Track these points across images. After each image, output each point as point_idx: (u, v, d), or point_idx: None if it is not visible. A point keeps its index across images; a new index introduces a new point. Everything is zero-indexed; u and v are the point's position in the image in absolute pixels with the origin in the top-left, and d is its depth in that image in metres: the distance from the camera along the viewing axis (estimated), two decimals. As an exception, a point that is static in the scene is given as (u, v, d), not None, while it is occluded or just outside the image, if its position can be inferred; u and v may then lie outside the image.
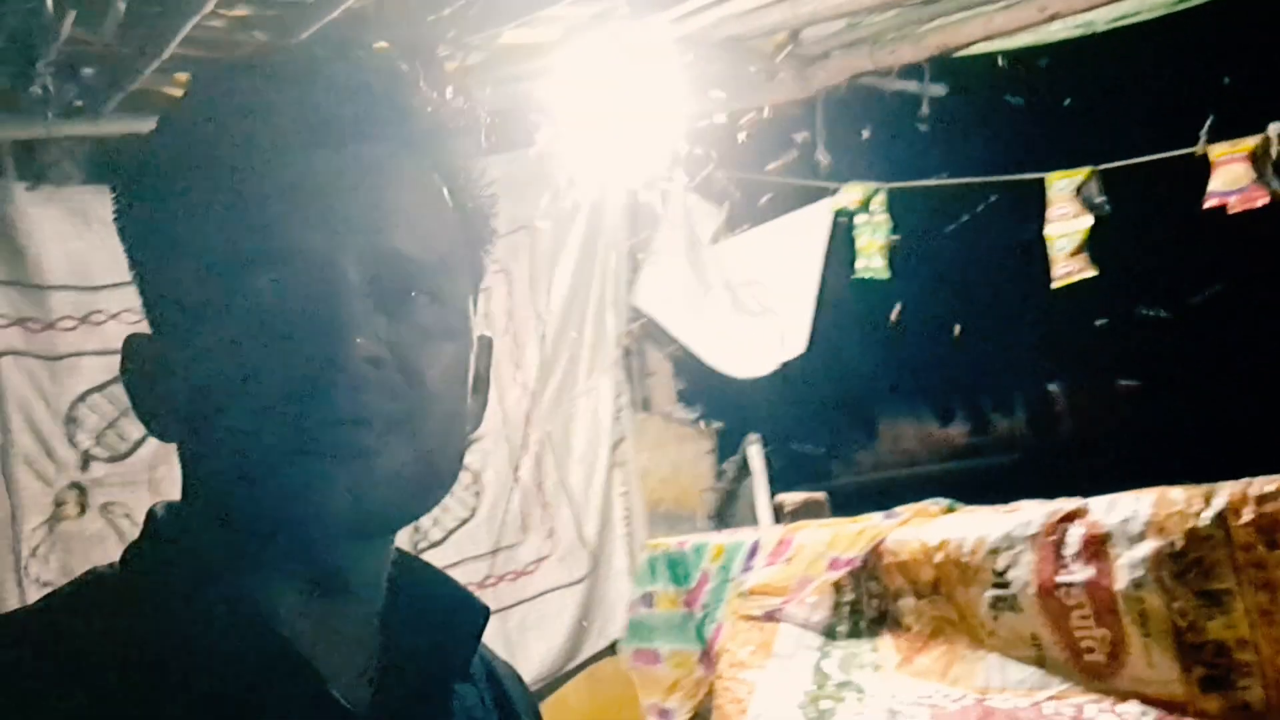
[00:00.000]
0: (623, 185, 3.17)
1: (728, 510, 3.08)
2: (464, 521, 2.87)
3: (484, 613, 0.71)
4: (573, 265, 3.15)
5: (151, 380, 0.65)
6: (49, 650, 0.58)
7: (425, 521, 2.82)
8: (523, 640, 2.92)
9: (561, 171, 3.07)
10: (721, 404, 3.22)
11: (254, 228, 0.61)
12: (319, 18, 2.29)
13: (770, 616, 2.06)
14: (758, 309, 3.28)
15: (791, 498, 2.43)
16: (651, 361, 3.26)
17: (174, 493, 0.68)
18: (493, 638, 2.74)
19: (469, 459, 2.95)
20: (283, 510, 0.59)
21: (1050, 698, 1.75)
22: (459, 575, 2.69)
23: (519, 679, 0.82)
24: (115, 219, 0.65)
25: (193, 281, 0.62)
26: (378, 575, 0.68)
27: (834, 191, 3.04)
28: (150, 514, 0.67)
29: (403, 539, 2.62)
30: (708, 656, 2.21)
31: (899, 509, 2.07)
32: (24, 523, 2.39)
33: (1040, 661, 1.78)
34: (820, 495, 2.42)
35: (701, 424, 3.20)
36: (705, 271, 3.31)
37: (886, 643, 1.96)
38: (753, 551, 2.19)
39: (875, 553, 1.99)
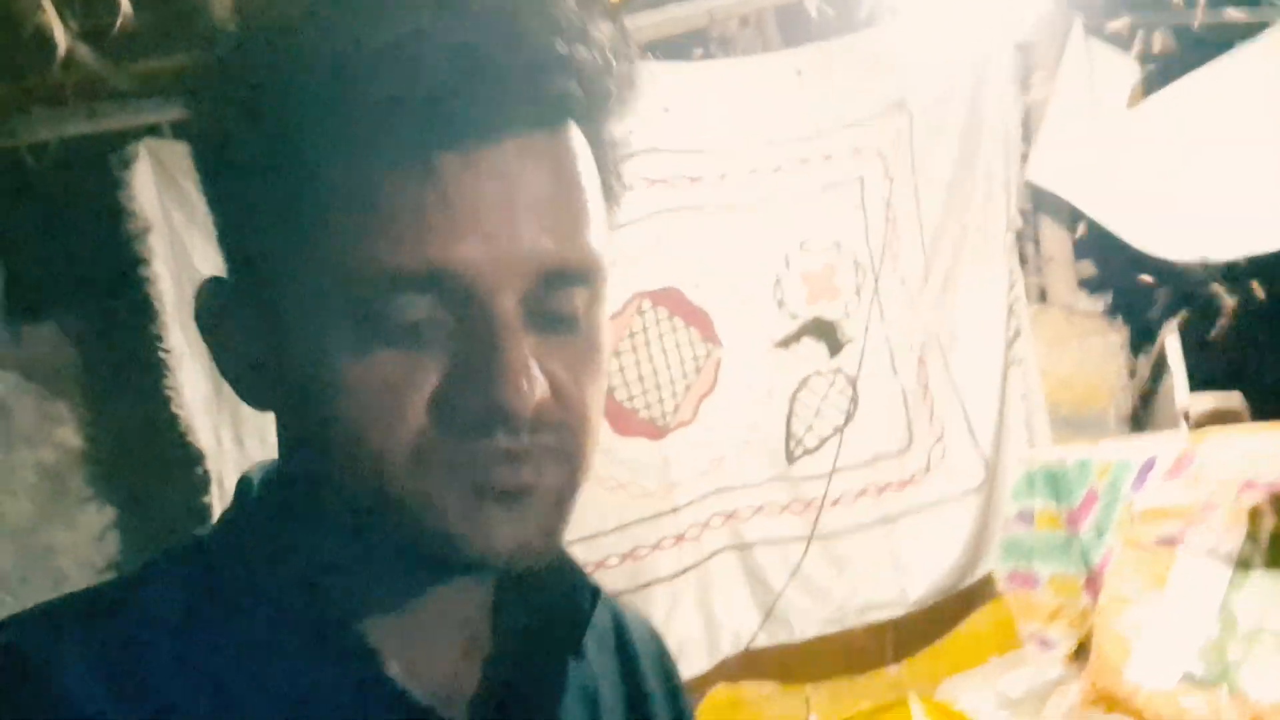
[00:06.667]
0: (1008, 43, 2.79)
1: (1145, 413, 2.67)
2: (839, 428, 2.75)
3: (591, 591, 0.66)
4: (955, 143, 2.84)
5: (238, 343, 0.59)
6: (113, 634, 0.56)
7: (799, 428, 2.74)
8: (912, 554, 2.76)
9: (936, 38, 2.77)
10: (1134, 292, 2.78)
11: (393, 239, 0.52)
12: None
13: (1166, 543, 1.74)
14: (1200, 178, 2.77)
15: (1198, 401, 2.02)
16: (1048, 246, 2.89)
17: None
18: (879, 551, 2.60)
19: (842, 362, 2.84)
20: (441, 547, 0.55)
21: None
22: (836, 484, 2.59)
23: (654, 637, 0.78)
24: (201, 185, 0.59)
25: (312, 280, 0.54)
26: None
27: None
28: (243, 481, 0.63)
29: (778, 448, 2.55)
30: (1094, 584, 1.93)
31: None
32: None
33: None
34: (1235, 398, 1.99)
35: (1110, 315, 2.79)
36: (1121, 135, 2.85)
37: (1318, 583, 1.59)
38: (1148, 468, 1.86)
39: (1305, 472, 1.60)
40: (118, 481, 2.56)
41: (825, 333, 2.76)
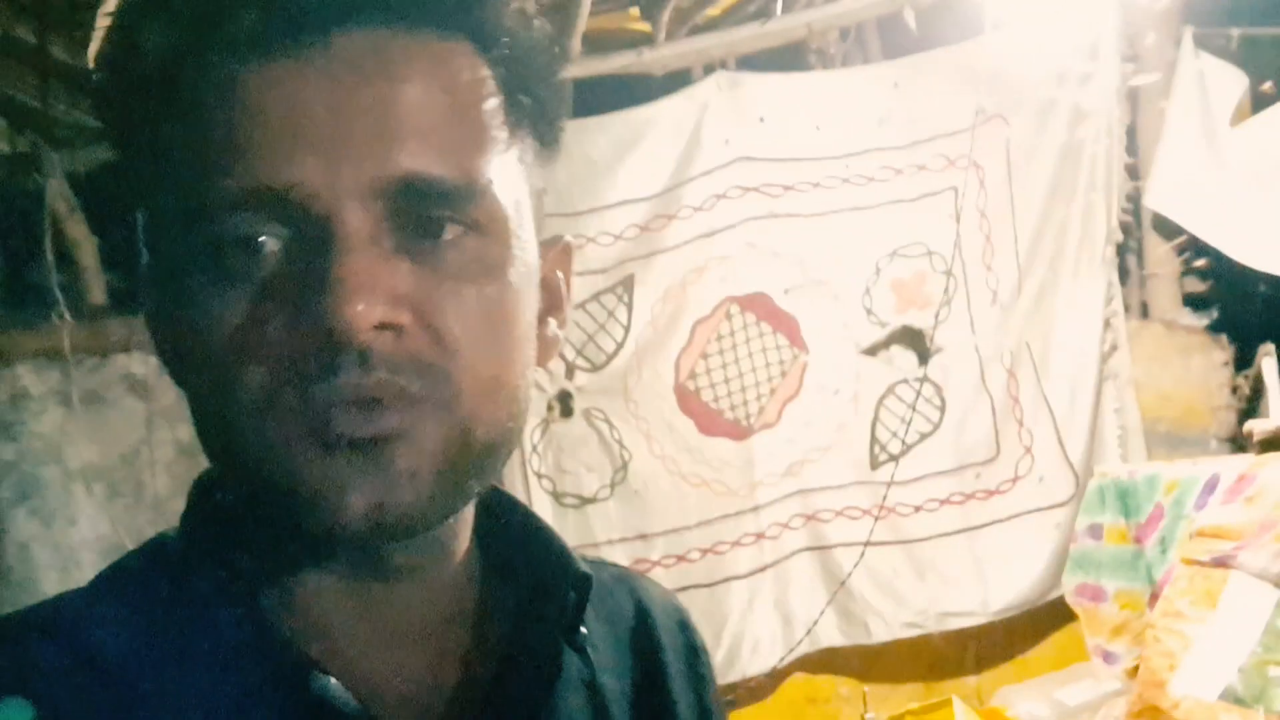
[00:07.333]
0: (1113, 54, 2.76)
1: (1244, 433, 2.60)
2: (925, 436, 2.77)
3: (579, 579, 0.61)
4: (1055, 154, 2.82)
5: (154, 320, 0.56)
6: (63, 655, 0.52)
7: (884, 434, 2.78)
8: (996, 564, 2.76)
9: (1038, 49, 2.76)
10: (1239, 310, 2.71)
11: (216, 160, 0.48)
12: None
13: (1220, 563, 1.73)
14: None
15: (1261, 424, 1.98)
16: (1152, 261, 2.84)
17: (647, 399, 0.57)
18: (962, 560, 2.68)
19: (932, 371, 2.87)
20: (290, 512, 0.50)
21: None
22: (919, 490, 2.66)
23: (682, 626, 0.72)
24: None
25: (155, 223, 0.53)
26: (450, 545, 0.59)
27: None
28: (194, 485, 0.60)
29: (862, 453, 2.65)
30: (1157, 600, 1.93)
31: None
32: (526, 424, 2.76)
33: None
34: (1304, 420, 1.94)
35: (1214, 332, 2.72)
36: (1233, 151, 2.78)
37: (1370, 608, 1.56)
38: (1210, 487, 1.85)
39: (1363, 495, 1.58)
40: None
41: (914, 341, 2.79)
